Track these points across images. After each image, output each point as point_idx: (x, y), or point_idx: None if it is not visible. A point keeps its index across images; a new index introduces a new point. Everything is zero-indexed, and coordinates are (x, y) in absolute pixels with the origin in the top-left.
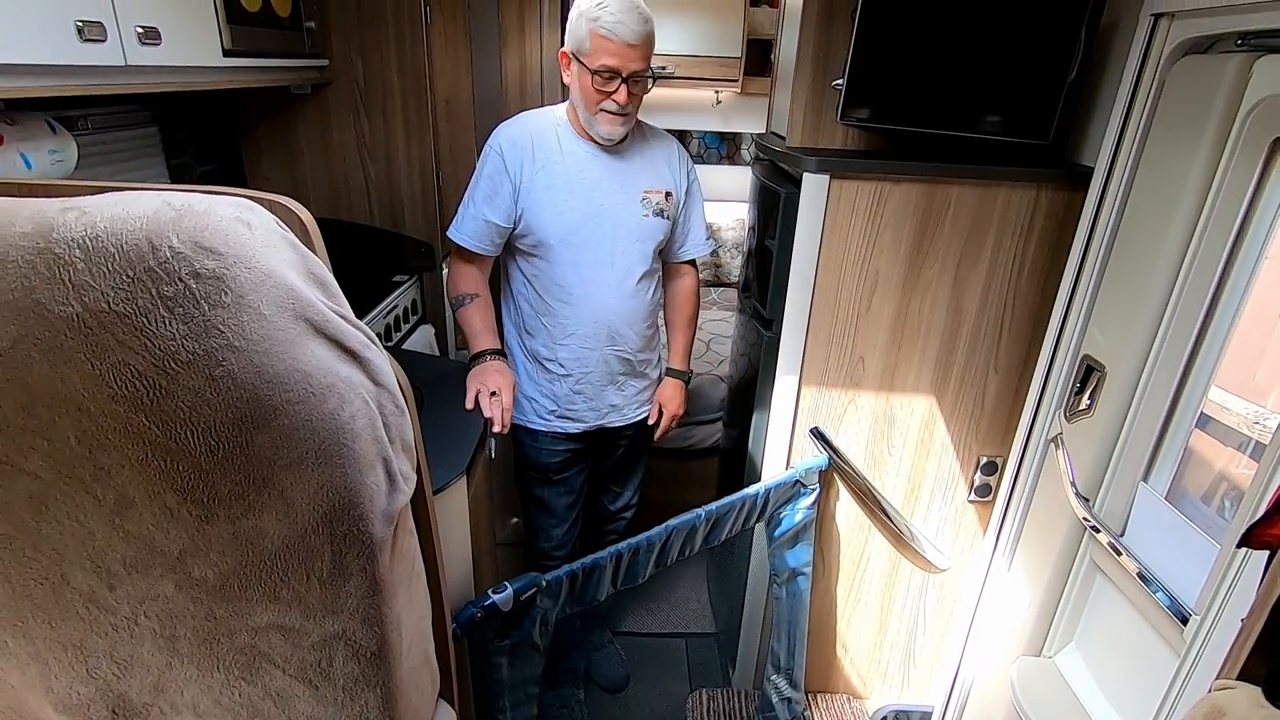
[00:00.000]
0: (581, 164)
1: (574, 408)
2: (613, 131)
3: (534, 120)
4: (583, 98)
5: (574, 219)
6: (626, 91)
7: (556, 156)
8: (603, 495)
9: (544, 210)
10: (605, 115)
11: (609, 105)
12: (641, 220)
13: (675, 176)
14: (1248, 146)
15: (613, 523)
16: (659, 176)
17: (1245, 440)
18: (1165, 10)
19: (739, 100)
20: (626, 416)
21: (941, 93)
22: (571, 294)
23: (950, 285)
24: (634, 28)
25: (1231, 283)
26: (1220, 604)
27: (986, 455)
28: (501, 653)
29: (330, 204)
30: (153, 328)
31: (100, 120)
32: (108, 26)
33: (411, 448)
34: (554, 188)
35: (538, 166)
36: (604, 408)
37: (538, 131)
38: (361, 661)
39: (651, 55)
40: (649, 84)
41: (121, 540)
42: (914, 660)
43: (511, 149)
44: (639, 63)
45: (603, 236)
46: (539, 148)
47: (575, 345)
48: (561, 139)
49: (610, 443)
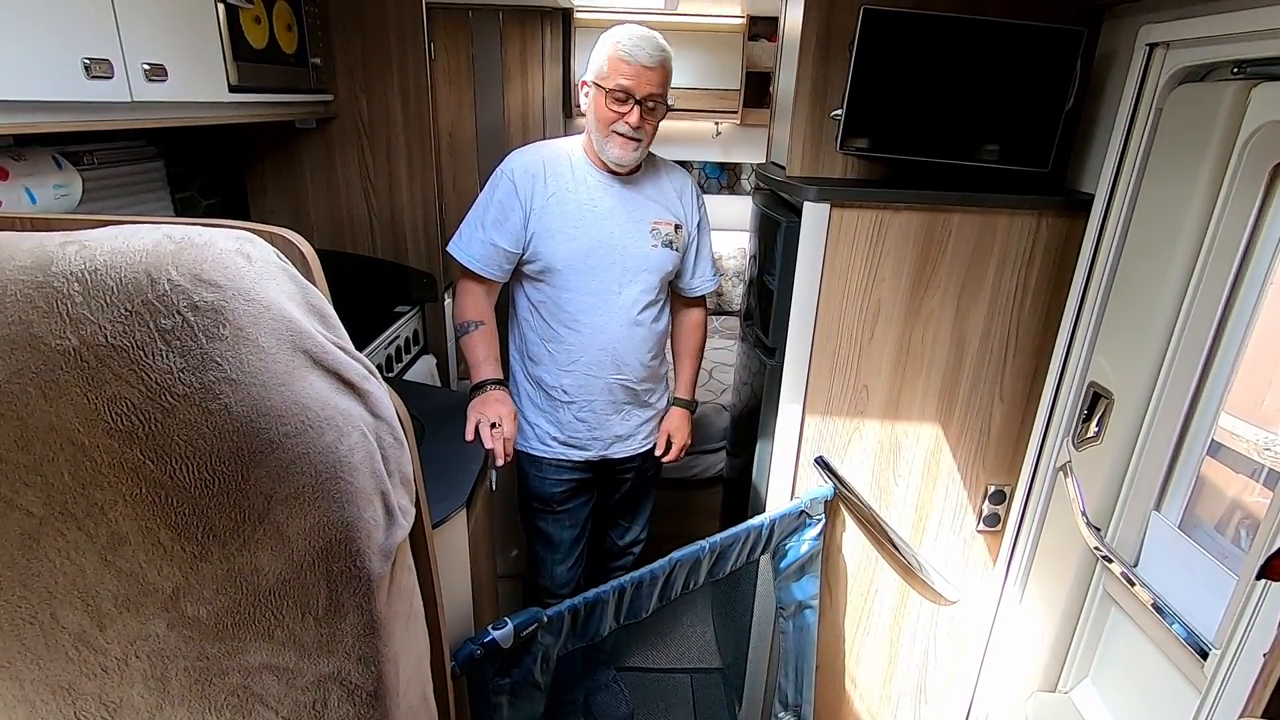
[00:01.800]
0: (593, 192)
1: (578, 435)
2: (624, 156)
3: (549, 148)
4: (597, 119)
5: (583, 246)
6: (639, 114)
7: (569, 184)
8: (610, 530)
9: (554, 236)
10: (617, 138)
11: (621, 127)
12: (650, 250)
13: (686, 210)
14: (1248, 172)
15: (620, 558)
16: (669, 209)
17: (1258, 467)
18: (1160, 40)
19: (739, 131)
20: (632, 447)
21: (939, 122)
22: (578, 320)
23: (953, 312)
24: (651, 52)
25: (1237, 308)
26: (1241, 638)
27: (994, 484)
28: (502, 691)
29: (333, 236)
30: (150, 361)
31: (106, 155)
32: (115, 64)
33: (410, 481)
34: (565, 214)
35: (549, 192)
36: (608, 437)
37: (551, 159)
38: (357, 702)
39: (667, 85)
40: (662, 111)
41: (113, 578)
42: (925, 695)
43: (524, 175)
44: (653, 87)
45: (611, 265)
46: (552, 174)
47: (579, 372)
48: (575, 167)
49: (616, 475)
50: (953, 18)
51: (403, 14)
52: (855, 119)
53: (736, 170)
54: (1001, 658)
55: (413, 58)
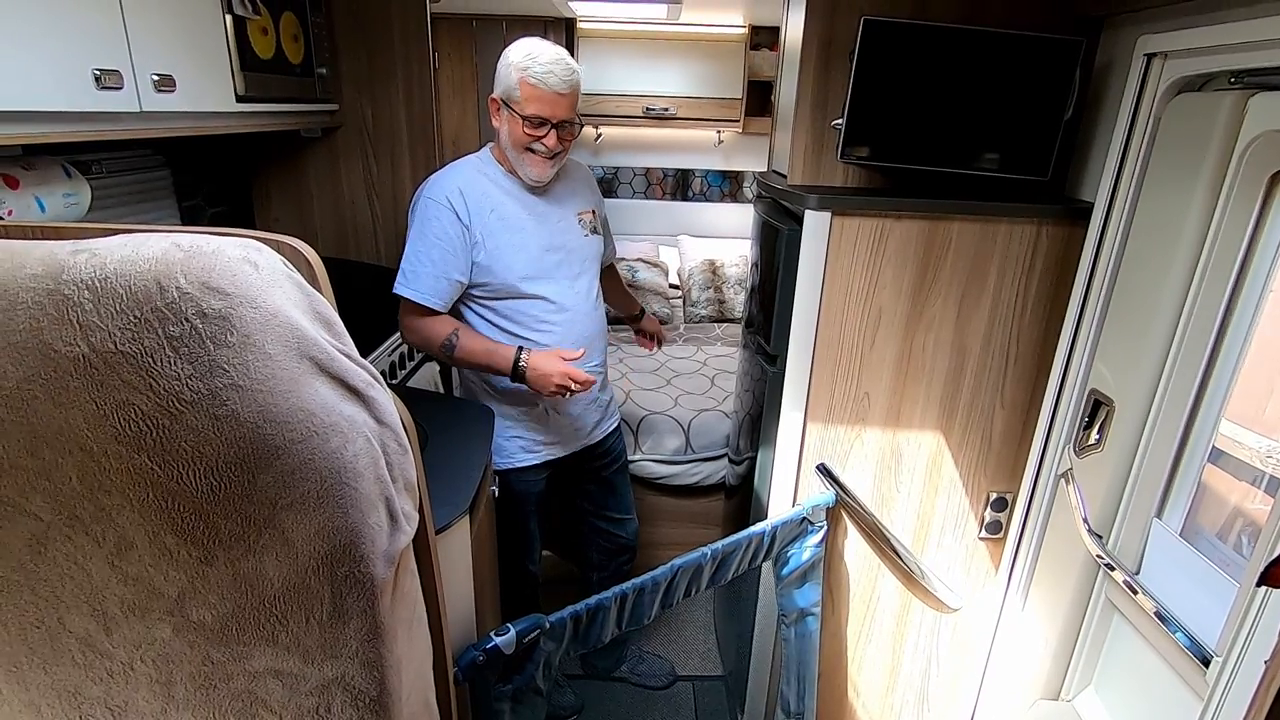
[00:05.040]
0: (522, 200)
1: (562, 430)
2: (542, 174)
3: (466, 168)
4: (511, 142)
5: (534, 252)
6: (556, 136)
7: (500, 197)
8: (614, 528)
9: (505, 251)
10: (533, 157)
11: (538, 147)
12: (585, 240)
13: (595, 195)
14: (1246, 181)
15: (628, 552)
16: (584, 198)
17: (1259, 475)
18: (1158, 50)
19: (740, 140)
20: (604, 429)
21: (940, 131)
22: (545, 322)
23: (954, 320)
24: (563, 77)
25: (1237, 315)
26: (1242, 646)
27: (996, 491)
28: (504, 698)
29: (338, 244)
30: (158, 368)
31: (114, 164)
32: (124, 74)
33: (414, 487)
34: (509, 228)
35: (488, 209)
36: (588, 426)
37: (474, 176)
38: (360, 708)
39: (577, 105)
40: (576, 130)
41: (120, 582)
42: (928, 702)
43: (459, 199)
44: (567, 111)
45: (560, 263)
46: (483, 192)
47: None
48: (495, 181)
49: (595, 460)
50: (952, 28)
51: (407, 24)
52: (856, 128)
53: (738, 178)
54: (1004, 665)
55: (417, 67)
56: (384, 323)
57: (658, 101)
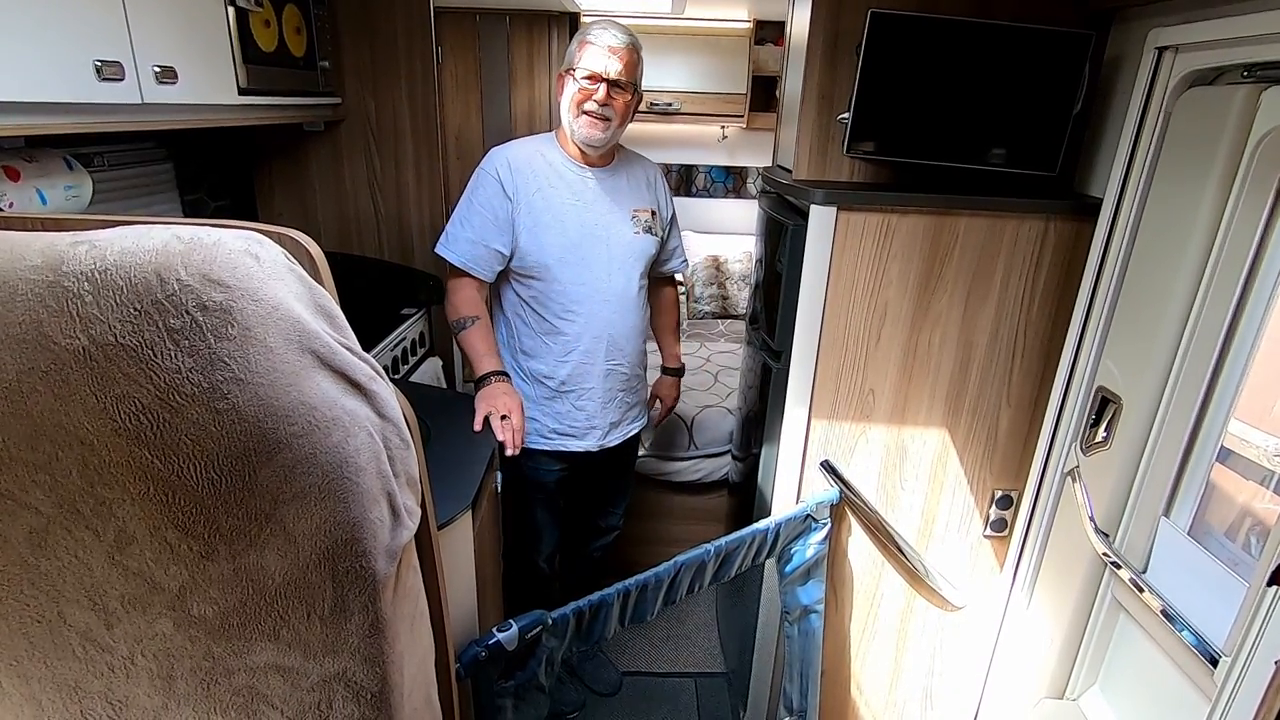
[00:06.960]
0: (574, 184)
1: (576, 424)
2: (593, 135)
3: (526, 146)
4: (568, 101)
5: (572, 237)
6: (606, 91)
7: (551, 178)
8: (595, 513)
9: (543, 230)
10: (586, 118)
11: (589, 105)
12: (633, 237)
13: (658, 196)
14: (1258, 176)
15: (605, 536)
16: (644, 197)
17: (1268, 474)
18: (1170, 43)
19: (744, 135)
20: (625, 433)
21: (947, 125)
22: (571, 311)
23: (960, 317)
24: (617, 36)
25: (1247, 313)
26: (1251, 646)
27: (1001, 489)
28: (506, 694)
29: (341, 238)
30: (158, 360)
31: (116, 156)
32: (126, 66)
33: (416, 481)
34: (550, 208)
35: (534, 188)
36: (605, 426)
37: (532, 154)
38: (362, 703)
39: (634, 72)
40: (632, 97)
41: (120, 577)
42: (932, 701)
43: (508, 172)
44: (620, 65)
45: (599, 253)
46: (535, 170)
47: (576, 361)
48: (552, 161)
49: (609, 460)
50: (961, 21)
51: (411, 18)
52: (862, 122)
53: (742, 174)
54: (1008, 664)
55: (420, 61)
56: (388, 317)
57: (661, 96)
